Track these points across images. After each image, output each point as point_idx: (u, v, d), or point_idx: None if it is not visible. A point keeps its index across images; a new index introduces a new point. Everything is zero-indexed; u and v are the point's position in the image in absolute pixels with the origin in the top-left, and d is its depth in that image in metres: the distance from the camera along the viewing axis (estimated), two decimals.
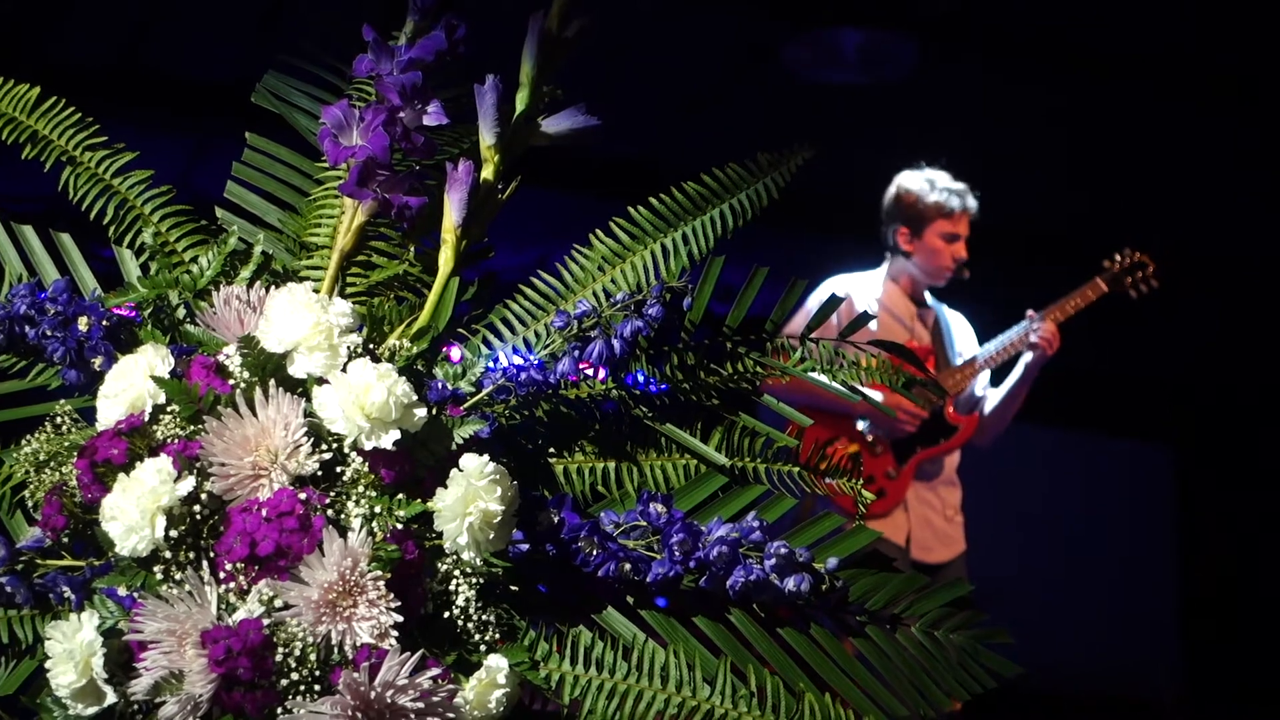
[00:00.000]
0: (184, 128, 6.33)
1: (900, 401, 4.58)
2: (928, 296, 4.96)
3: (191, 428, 1.60)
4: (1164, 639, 8.45)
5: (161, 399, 1.62)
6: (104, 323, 1.71)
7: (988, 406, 4.98)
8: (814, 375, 1.83)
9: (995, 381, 5.00)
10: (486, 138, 1.85)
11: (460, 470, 1.57)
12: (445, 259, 1.80)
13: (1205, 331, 7.75)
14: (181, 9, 5.83)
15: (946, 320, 5.01)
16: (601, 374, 1.75)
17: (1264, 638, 7.87)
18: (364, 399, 1.57)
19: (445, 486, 1.58)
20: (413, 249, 1.87)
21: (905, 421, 4.72)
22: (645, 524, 1.67)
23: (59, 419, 1.70)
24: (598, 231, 1.82)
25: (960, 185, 4.83)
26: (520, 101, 1.88)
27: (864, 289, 4.89)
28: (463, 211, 1.81)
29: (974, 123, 5.89)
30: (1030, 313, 4.86)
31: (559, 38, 1.91)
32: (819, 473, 1.79)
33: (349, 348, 1.63)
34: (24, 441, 1.69)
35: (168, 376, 1.63)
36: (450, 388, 1.69)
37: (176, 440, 1.60)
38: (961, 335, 5.03)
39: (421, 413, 1.60)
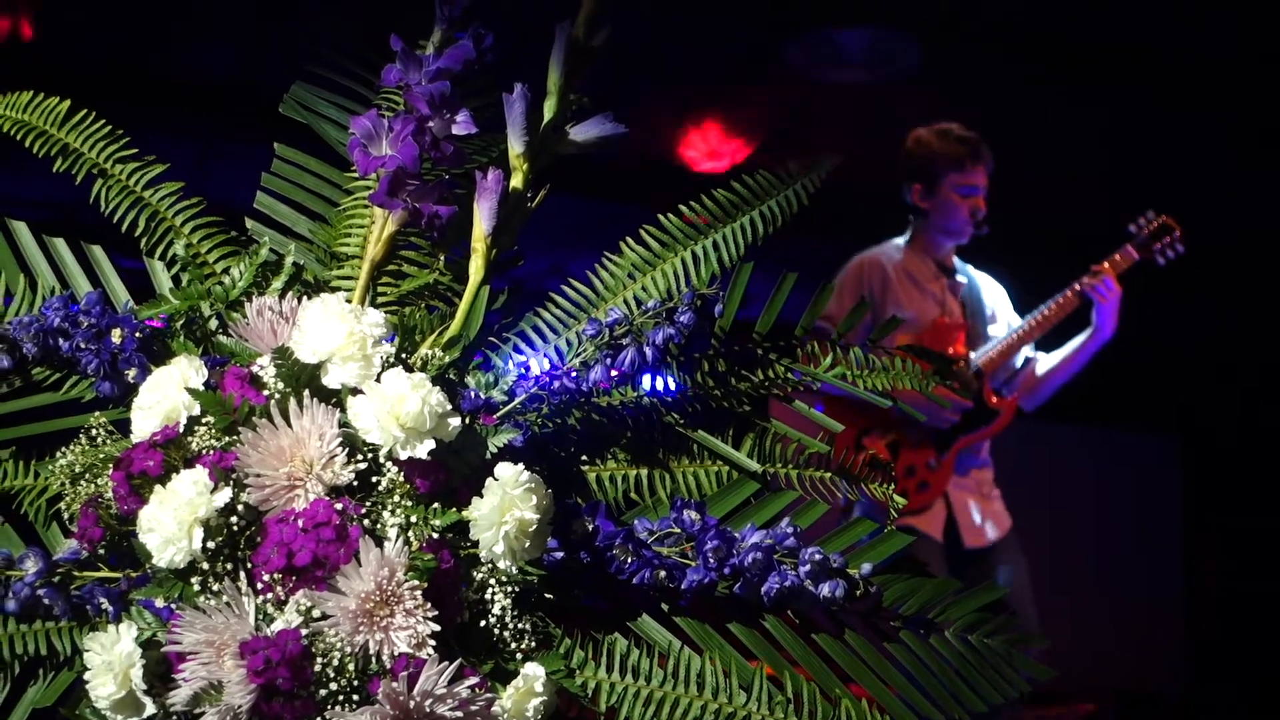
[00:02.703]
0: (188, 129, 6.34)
1: (943, 392, 4.52)
2: (955, 262, 4.87)
3: (227, 439, 1.61)
4: (1170, 634, 8.43)
5: (196, 410, 1.63)
6: (137, 334, 1.72)
7: (1040, 368, 4.86)
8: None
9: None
10: (515, 146, 1.86)
11: (495, 479, 1.57)
12: (476, 268, 1.81)
13: (1212, 323, 7.74)
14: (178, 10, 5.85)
15: (977, 286, 4.91)
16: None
17: (1271, 633, 7.85)
18: (398, 409, 1.57)
19: (480, 495, 1.59)
20: (443, 258, 1.87)
21: (949, 416, 4.62)
22: (679, 531, 1.67)
23: (94, 431, 1.70)
24: (628, 239, 1.82)
25: (973, 134, 4.74)
26: (548, 110, 1.89)
27: (890, 256, 4.82)
28: (492, 220, 1.81)
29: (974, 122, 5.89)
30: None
31: (586, 46, 1.91)
32: (853, 478, 1.79)
33: (383, 358, 1.63)
34: (59, 454, 1.70)
35: (202, 388, 1.64)
36: (483, 397, 1.69)
37: (212, 452, 1.60)
38: (995, 301, 4.93)
39: (456, 422, 1.60)
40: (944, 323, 4.75)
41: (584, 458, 1.77)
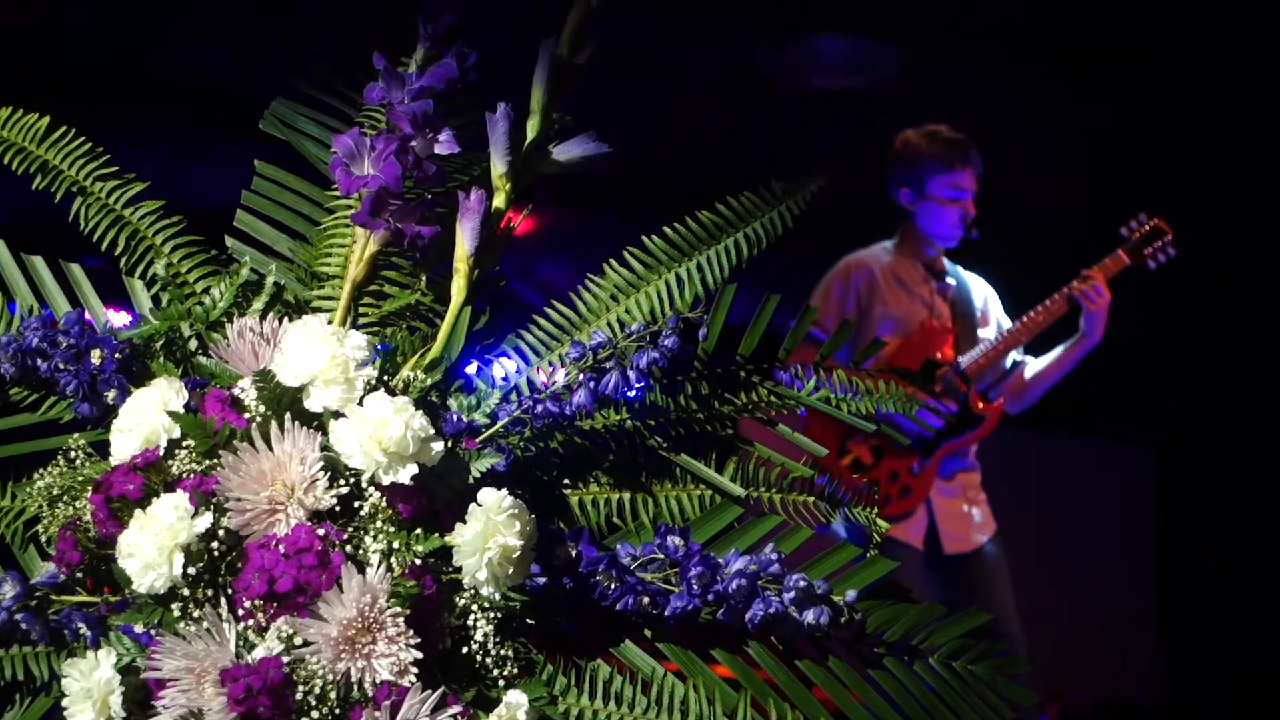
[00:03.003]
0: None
1: (925, 398, 4.47)
2: (945, 264, 4.84)
3: (207, 462, 1.60)
4: (1144, 641, 8.46)
5: (176, 433, 1.61)
6: (117, 355, 1.70)
7: (1028, 371, 4.84)
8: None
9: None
10: (498, 166, 1.85)
11: (479, 505, 1.56)
12: (458, 288, 1.80)
13: (1187, 333, 7.75)
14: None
15: (968, 288, 4.88)
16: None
17: (1244, 640, 7.87)
18: (381, 433, 1.56)
19: (463, 521, 1.58)
20: (424, 278, 1.86)
21: (933, 422, 4.56)
22: (663, 557, 1.66)
23: (72, 453, 1.69)
24: (611, 261, 1.81)
25: (961, 136, 4.71)
26: (531, 129, 1.88)
27: (879, 259, 4.79)
28: (475, 241, 1.80)
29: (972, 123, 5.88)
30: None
31: (570, 64, 1.90)
32: (836, 502, 1.78)
33: (365, 381, 1.62)
34: (37, 475, 1.68)
35: (182, 410, 1.63)
36: (466, 420, 1.68)
37: (192, 475, 1.59)
38: (986, 303, 4.89)
39: (439, 446, 1.59)
40: (932, 326, 4.72)
41: (566, 481, 1.76)
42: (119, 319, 1.84)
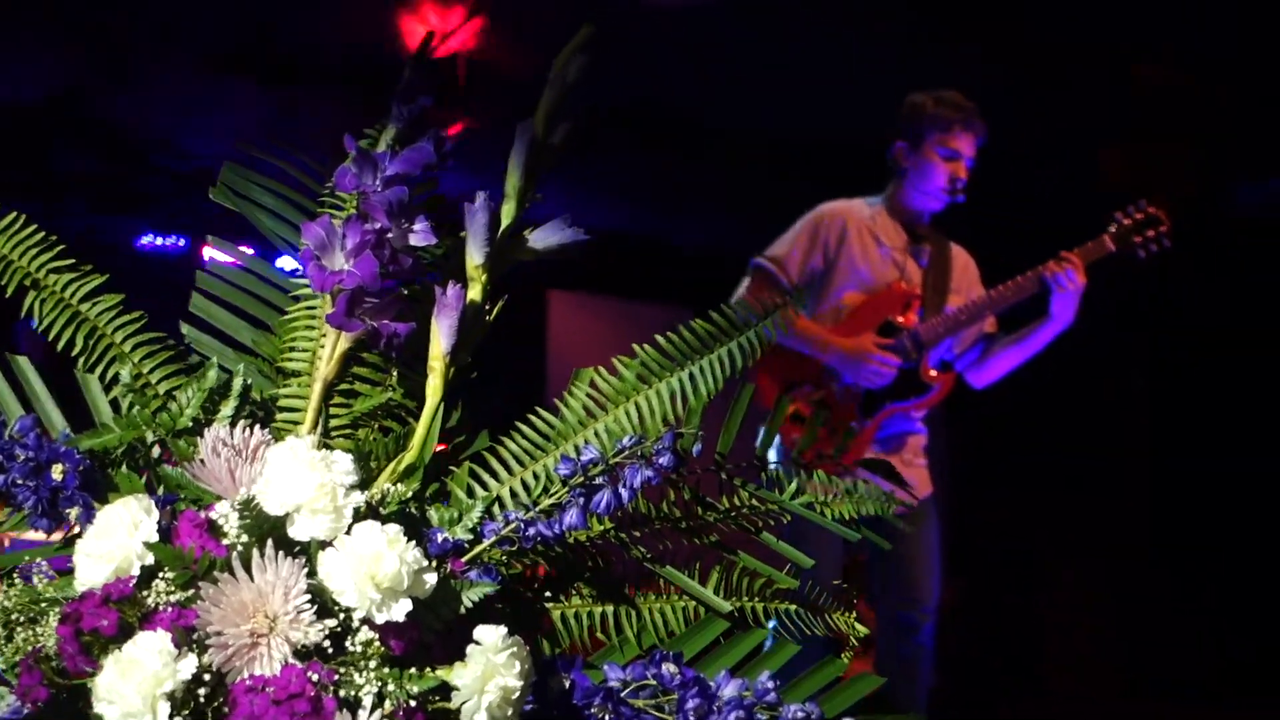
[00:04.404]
0: None
1: (868, 348, 4.52)
2: (929, 230, 4.76)
3: (183, 594, 1.51)
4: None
5: (150, 560, 1.53)
6: (79, 469, 1.60)
7: (992, 348, 4.78)
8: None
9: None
10: (475, 257, 1.77)
11: (477, 644, 1.50)
12: (434, 388, 1.73)
13: None
14: None
15: (947, 256, 4.80)
16: None
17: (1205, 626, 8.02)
18: (375, 569, 1.49)
19: (452, 648, 1.52)
20: (395, 373, 1.78)
21: (884, 373, 4.55)
22: (654, 683, 1.62)
23: (31, 572, 1.59)
24: (601, 370, 1.75)
25: (969, 104, 4.65)
26: (506, 215, 1.81)
27: (858, 214, 4.73)
28: (452, 338, 1.73)
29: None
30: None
31: (546, 145, 1.83)
32: (817, 610, 1.76)
33: (354, 509, 1.55)
34: None
35: (155, 532, 1.54)
36: (450, 539, 1.61)
37: (170, 608, 1.50)
38: (963, 275, 4.83)
39: (432, 579, 1.53)
40: (900, 288, 4.66)
41: (548, 594, 1.71)
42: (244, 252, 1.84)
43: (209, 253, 1.84)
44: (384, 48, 6.24)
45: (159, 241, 8.30)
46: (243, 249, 1.91)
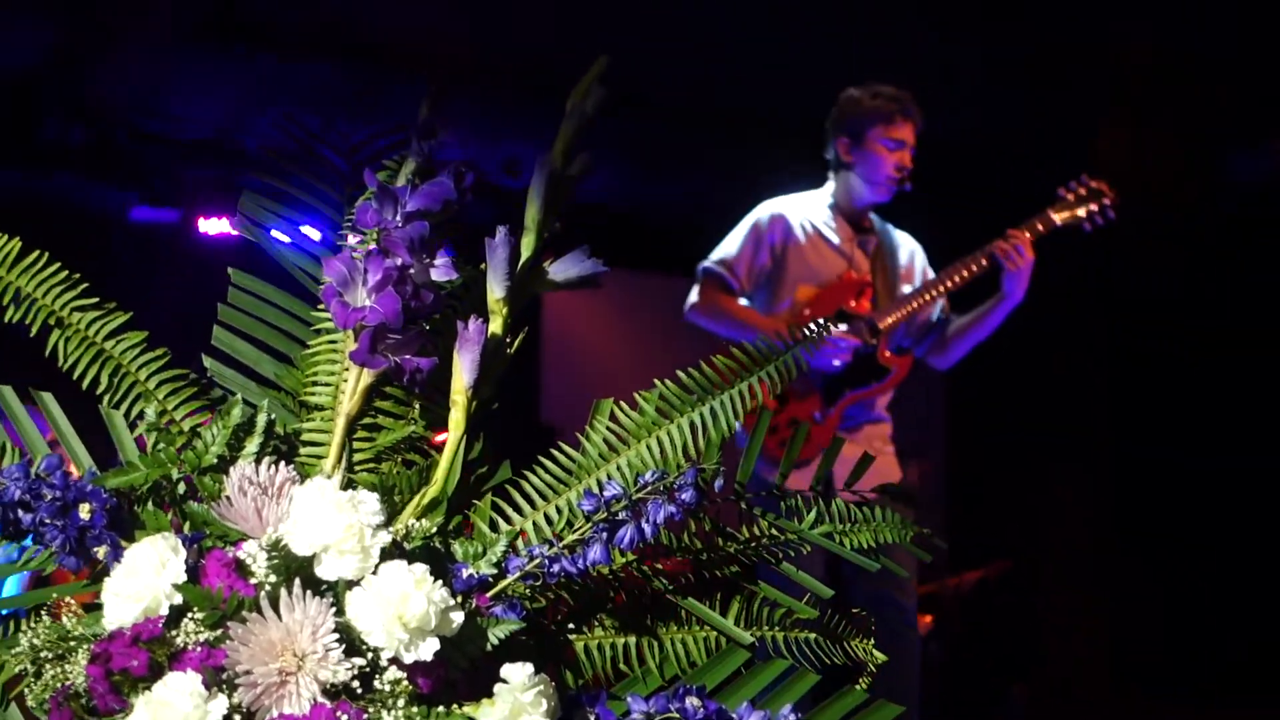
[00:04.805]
0: None
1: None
2: (873, 220, 4.79)
3: (212, 634, 1.52)
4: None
5: (179, 600, 1.54)
6: (107, 508, 1.61)
7: (950, 329, 4.79)
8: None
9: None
10: (495, 291, 1.78)
11: (504, 683, 1.52)
12: (456, 422, 1.74)
13: None
14: None
15: (894, 244, 4.83)
16: None
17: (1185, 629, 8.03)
18: (403, 610, 1.50)
19: (478, 684, 1.54)
20: (418, 406, 1.79)
21: (841, 356, 4.54)
22: (678, 717, 1.63)
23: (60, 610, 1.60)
24: (622, 404, 1.76)
25: (904, 93, 4.68)
26: (526, 247, 1.81)
27: (801, 210, 4.75)
28: (474, 373, 1.74)
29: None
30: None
31: (565, 177, 1.84)
32: (836, 638, 1.77)
33: (381, 548, 1.56)
34: (22, 632, 1.59)
35: (183, 571, 1.55)
36: (475, 575, 1.63)
37: (199, 648, 1.52)
38: (911, 260, 4.85)
39: (459, 617, 1.54)
40: (850, 278, 4.68)
41: (571, 626, 1.72)
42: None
43: (204, 225, 1.85)
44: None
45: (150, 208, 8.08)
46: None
